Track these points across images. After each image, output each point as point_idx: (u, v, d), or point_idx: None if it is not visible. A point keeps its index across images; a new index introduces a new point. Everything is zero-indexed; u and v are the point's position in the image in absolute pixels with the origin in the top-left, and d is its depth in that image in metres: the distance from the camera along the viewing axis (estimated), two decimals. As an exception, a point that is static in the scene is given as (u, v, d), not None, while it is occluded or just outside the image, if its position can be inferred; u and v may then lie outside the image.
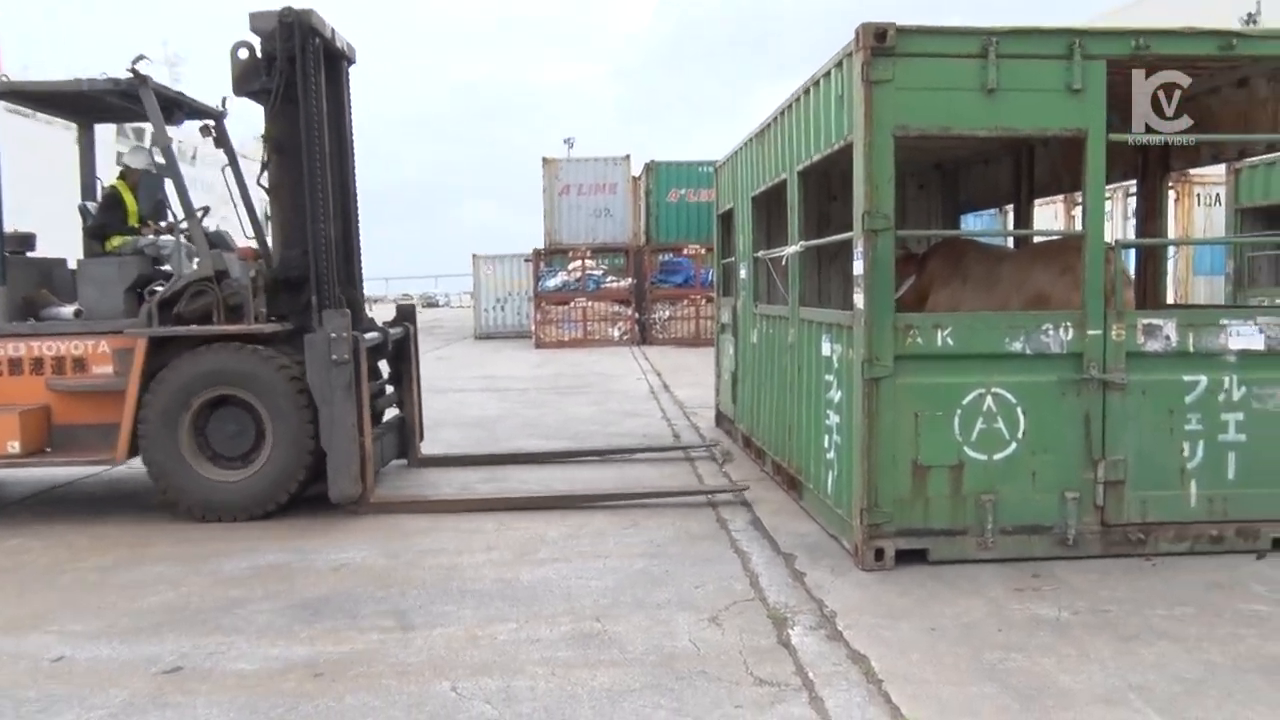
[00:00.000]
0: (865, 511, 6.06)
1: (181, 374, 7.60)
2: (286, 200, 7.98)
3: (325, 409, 7.49)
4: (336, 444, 7.50)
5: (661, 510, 7.72)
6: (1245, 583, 5.68)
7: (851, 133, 6.14)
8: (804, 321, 7.64)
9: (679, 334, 28.02)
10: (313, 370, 7.50)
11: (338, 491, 7.55)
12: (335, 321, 7.52)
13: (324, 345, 7.49)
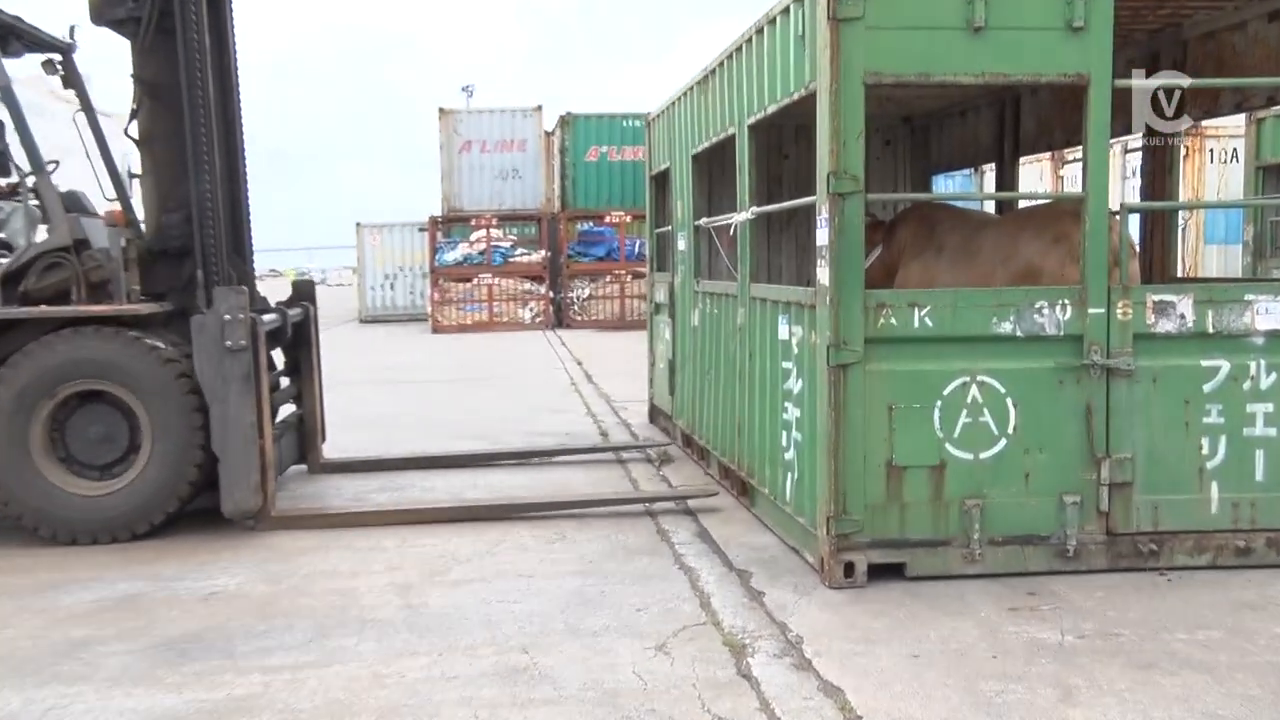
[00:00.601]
0: (831, 520, 6.10)
1: (31, 365, 7.36)
2: (162, 154, 7.81)
3: (217, 406, 7.36)
4: (231, 447, 7.38)
5: (592, 521, 7.74)
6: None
7: (814, 80, 6.16)
8: (756, 300, 7.66)
9: (601, 316, 28.03)
10: (202, 359, 7.36)
11: (233, 504, 7.43)
12: (229, 300, 7.37)
13: (215, 329, 7.35)
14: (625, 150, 28.11)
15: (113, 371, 7.37)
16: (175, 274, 7.86)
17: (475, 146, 28.91)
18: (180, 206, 7.76)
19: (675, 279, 10.56)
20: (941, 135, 11.26)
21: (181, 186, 7.73)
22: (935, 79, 6.04)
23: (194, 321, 7.39)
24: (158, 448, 7.43)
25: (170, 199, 7.79)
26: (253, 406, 7.39)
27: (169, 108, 7.64)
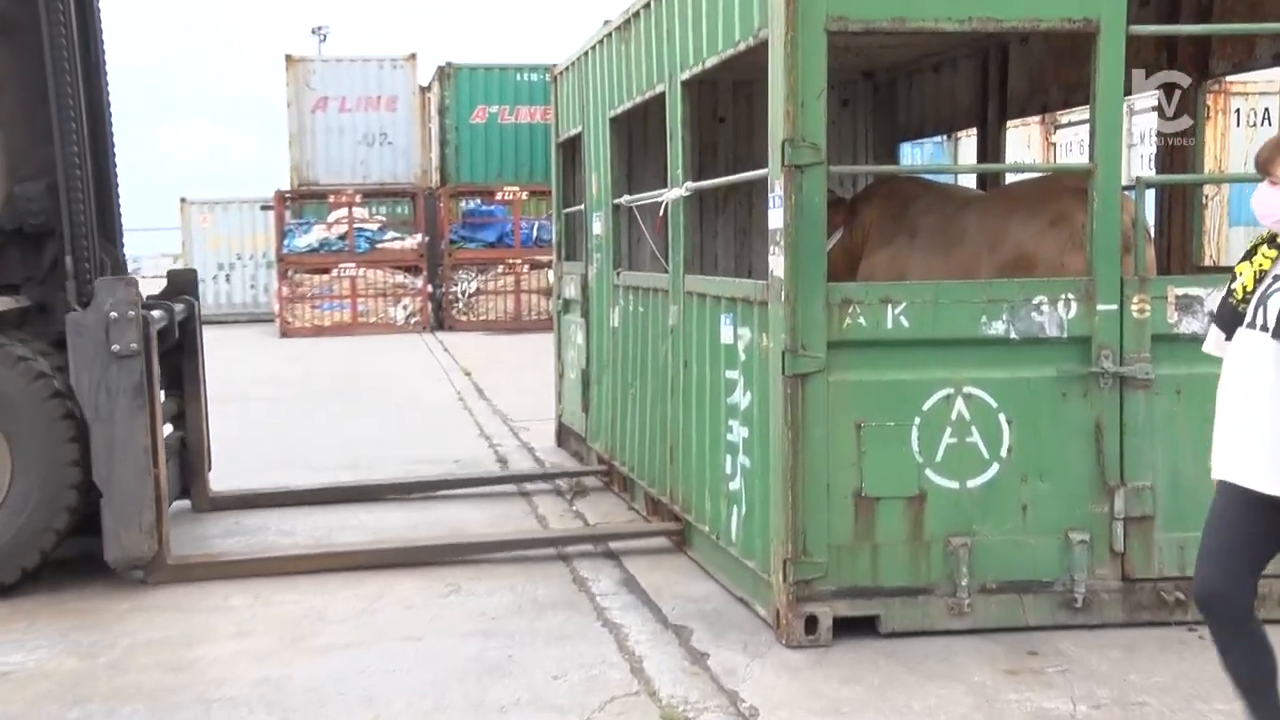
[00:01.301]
0: (788, 564, 6.13)
1: None
2: (13, 107, 7.66)
3: (101, 426, 7.24)
4: (119, 479, 7.26)
5: (491, 568, 7.71)
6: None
7: (766, 26, 6.20)
8: (693, 295, 7.68)
9: (492, 315, 28.01)
10: (80, 368, 7.22)
11: (120, 550, 7.30)
12: (117, 293, 7.23)
13: (98, 330, 7.21)
14: (522, 110, 28.10)
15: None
16: (33, 260, 7.73)
17: (332, 104, 28.71)
18: (40, 174, 7.63)
19: (589, 270, 10.55)
20: (911, 94, 11.41)
21: (40, 149, 7.61)
22: (912, 25, 6.11)
23: (70, 321, 7.25)
24: (19, 480, 7.29)
25: (25, 165, 7.66)
26: (146, 427, 7.29)
27: (24, 48, 7.56)
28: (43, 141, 7.59)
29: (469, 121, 28.28)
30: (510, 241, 28.06)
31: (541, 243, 27.19)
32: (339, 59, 29.43)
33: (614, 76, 9.44)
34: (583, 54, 10.51)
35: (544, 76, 25.05)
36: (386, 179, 28.96)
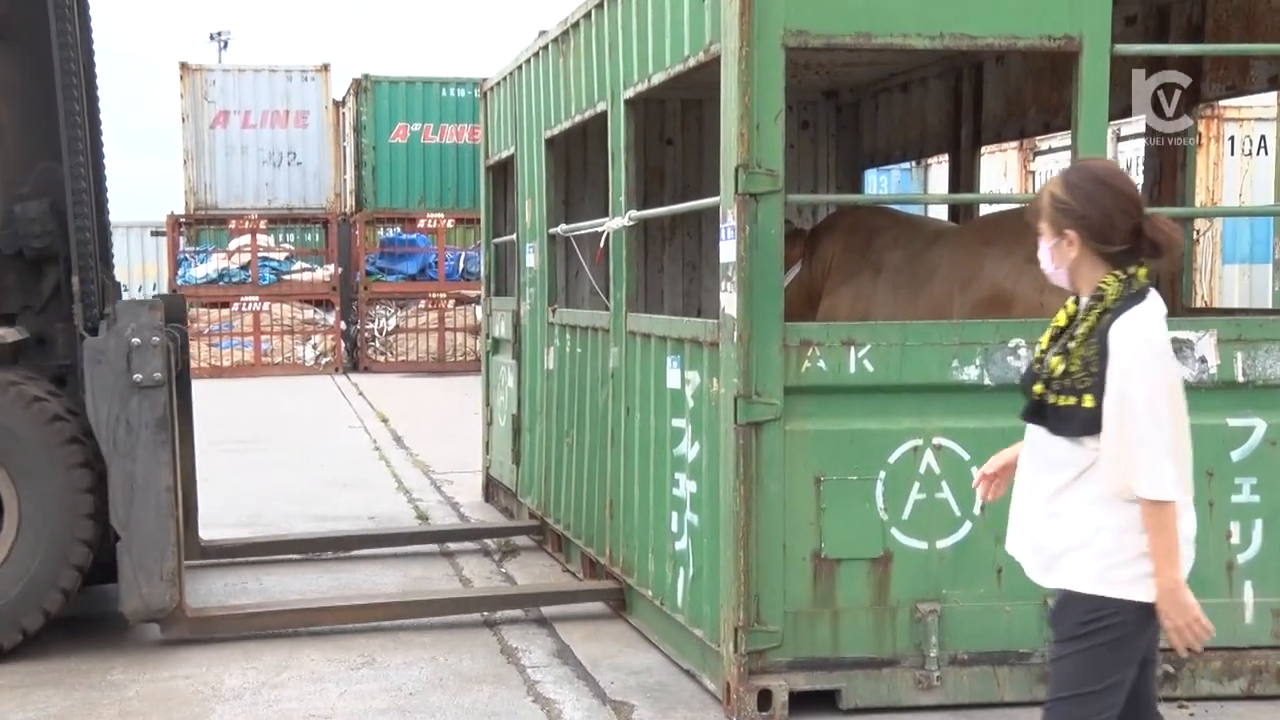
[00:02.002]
0: (740, 633, 6.18)
1: None
2: (11, 118, 7.71)
3: (120, 464, 7.26)
4: (139, 521, 7.27)
5: (410, 636, 7.72)
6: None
7: (718, 40, 6.29)
8: (636, 335, 7.75)
9: (412, 355, 27.99)
10: (98, 399, 7.25)
11: (139, 601, 7.30)
12: (140, 317, 7.28)
13: (119, 357, 7.25)
14: (447, 129, 28.15)
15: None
16: (31, 287, 7.75)
17: (234, 119, 28.65)
18: (39, 192, 7.65)
19: (521, 306, 10.60)
20: (877, 116, 11.56)
21: (38, 164, 7.66)
22: (878, 41, 6.22)
23: (88, 347, 7.28)
24: (27, 526, 7.31)
25: (21, 182, 7.69)
26: (169, 464, 7.32)
27: (22, 53, 7.63)
28: (41, 156, 7.68)
29: (388, 140, 28.27)
30: (433, 274, 28.05)
31: (469, 275, 27.22)
32: (241, 69, 29.34)
33: (550, 93, 9.52)
34: (516, 68, 10.59)
35: (472, 92, 25.16)
36: (295, 203, 28.90)
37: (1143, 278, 4.00)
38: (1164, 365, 3.94)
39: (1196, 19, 8.31)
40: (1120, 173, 4.14)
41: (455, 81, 28.03)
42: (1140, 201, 4.03)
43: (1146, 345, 3.91)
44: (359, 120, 28.40)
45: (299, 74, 29.08)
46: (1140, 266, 4.00)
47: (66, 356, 7.73)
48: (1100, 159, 4.26)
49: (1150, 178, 9.04)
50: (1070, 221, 4.01)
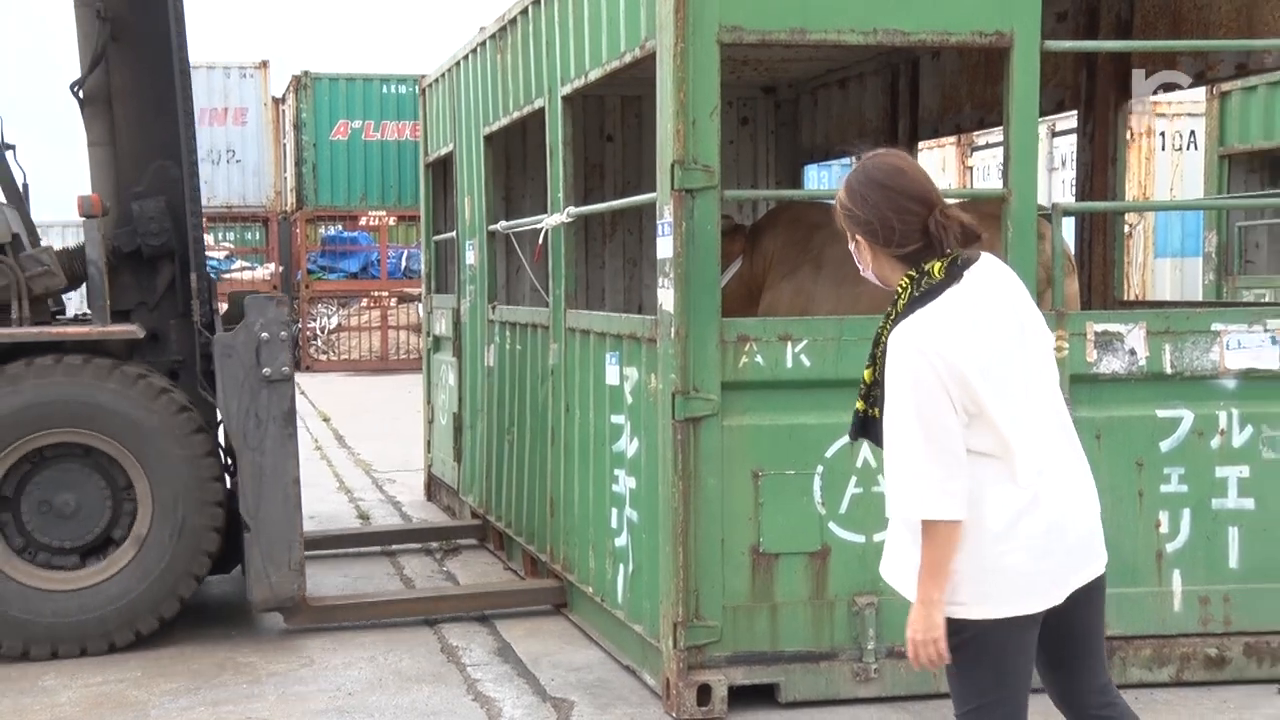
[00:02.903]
0: (679, 629, 6.24)
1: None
2: (127, 118, 7.90)
3: (249, 456, 7.48)
4: (268, 512, 7.49)
5: (350, 636, 7.74)
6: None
7: (653, 36, 6.35)
8: (575, 332, 7.81)
9: (354, 354, 27.92)
10: (229, 393, 7.48)
11: (267, 590, 7.50)
12: (268, 313, 7.51)
13: (248, 352, 7.45)
14: (388, 126, 28.08)
15: (96, 417, 7.42)
16: (146, 284, 7.91)
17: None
18: (153, 190, 7.82)
19: (462, 304, 10.64)
20: (815, 112, 11.64)
21: (152, 164, 7.83)
22: (812, 37, 6.29)
23: (218, 343, 7.50)
24: (160, 518, 7.50)
25: (136, 180, 7.85)
26: (296, 456, 7.57)
27: (140, 54, 7.86)
28: (153, 155, 7.89)
29: (329, 138, 28.16)
30: (375, 272, 28.01)
31: (411, 273, 27.18)
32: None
33: (489, 90, 9.56)
34: (454, 64, 10.63)
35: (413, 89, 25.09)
36: (234, 201, 28.80)
37: (937, 274, 3.82)
38: (932, 374, 3.72)
39: (1125, 16, 8.42)
40: (901, 170, 3.90)
41: (396, 78, 27.95)
42: (925, 195, 3.86)
43: (914, 354, 3.74)
44: (299, 117, 28.29)
45: (237, 71, 28.97)
46: (935, 260, 3.84)
47: (179, 351, 7.96)
48: (890, 154, 4.00)
49: (1082, 173, 9.17)
50: (855, 227, 3.94)
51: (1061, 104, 9.13)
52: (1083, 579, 3.91)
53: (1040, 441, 3.85)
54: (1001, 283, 3.93)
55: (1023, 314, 3.93)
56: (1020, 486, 3.81)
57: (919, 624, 3.84)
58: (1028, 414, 3.84)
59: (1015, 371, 3.83)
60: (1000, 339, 3.82)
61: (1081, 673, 4.07)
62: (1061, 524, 3.85)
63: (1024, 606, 3.83)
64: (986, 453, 3.79)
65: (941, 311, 3.79)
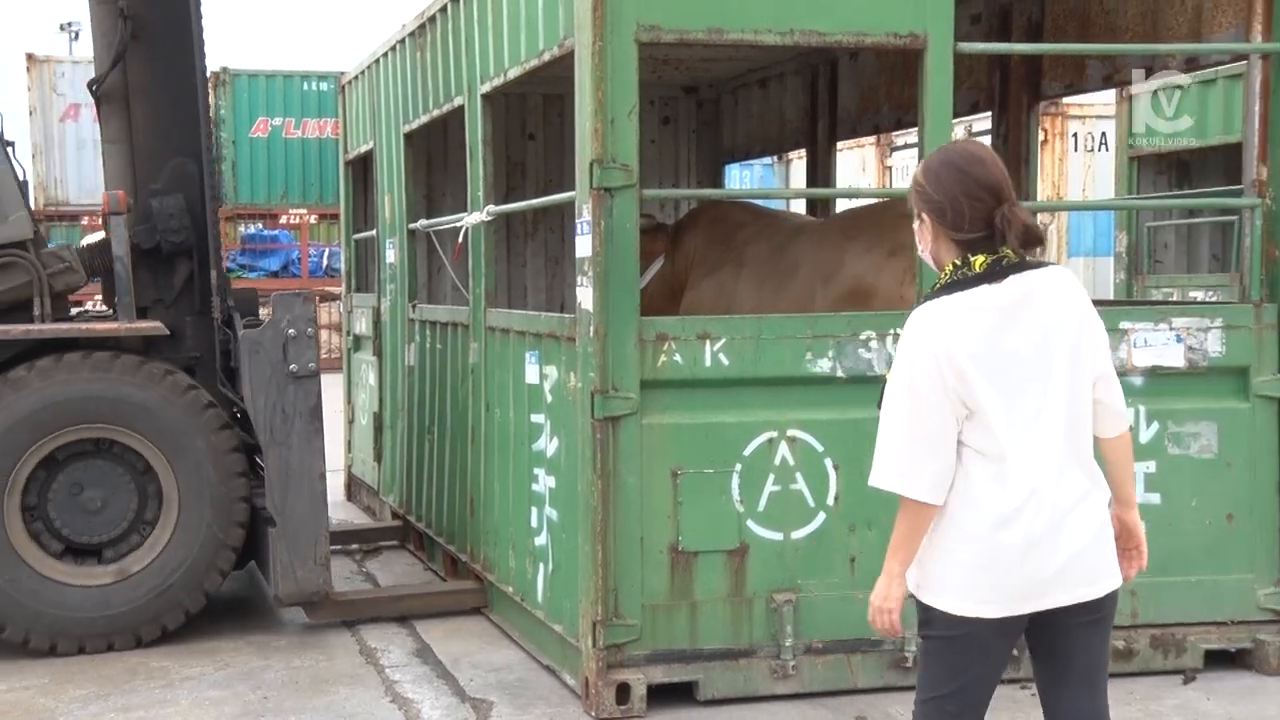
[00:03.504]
0: (599, 628, 6.27)
1: (21, 405, 7.44)
2: (145, 116, 8.00)
3: (276, 451, 7.59)
4: (294, 507, 7.58)
5: (268, 639, 7.72)
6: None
7: (572, 35, 6.38)
8: (495, 331, 7.83)
9: (273, 354, 27.66)
10: (256, 389, 7.59)
11: (293, 584, 7.57)
12: (294, 309, 7.66)
13: (275, 348, 7.58)
14: (309, 124, 27.87)
15: (125, 413, 7.53)
16: (164, 281, 7.97)
17: (85, 113, 28.08)
18: (172, 188, 7.91)
19: (382, 303, 10.63)
20: (736, 111, 11.71)
21: (169, 161, 7.99)
22: (730, 37, 6.34)
23: (245, 339, 7.62)
24: (187, 512, 7.60)
25: (154, 178, 7.94)
26: (321, 452, 7.68)
27: (158, 52, 7.98)
28: (169, 152, 8.01)
29: (248, 135, 27.89)
30: (297, 271, 27.79)
31: (333, 272, 27.00)
32: (76, 60, 28.86)
33: (408, 87, 9.55)
34: (374, 62, 10.61)
35: (334, 85, 24.96)
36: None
37: (977, 267, 3.86)
38: (932, 359, 3.79)
39: (1036, 18, 8.52)
40: (980, 158, 3.95)
41: (317, 75, 27.75)
42: (998, 188, 3.87)
43: (921, 336, 3.83)
44: (218, 114, 28.04)
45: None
46: (983, 254, 3.87)
47: (195, 348, 8.03)
48: (971, 143, 4.12)
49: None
50: (924, 206, 3.97)
51: (976, 105, 9.22)
52: (1062, 600, 3.86)
53: (1042, 460, 3.83)
54: (1052, 298, 3.89)
55: (1071, 336, 3.89)
56: (1009, 493, 3.82)
57: (878, 591, 3.94)
58: (1036, 430, 3.84)
59: (1033, 386, 3.83)
60: (1021, 349, 3.83)
61: (1061, 698, 4.04)
62: (1043, 543, 3.82)
63: (979, 609, 3.84)
64: (982, 451, 3.84)
65: (962, 304, 3.84)
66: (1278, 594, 6.86)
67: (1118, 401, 4.06)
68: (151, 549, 7.63)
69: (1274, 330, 6.84)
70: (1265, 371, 6.83)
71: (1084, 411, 3.93)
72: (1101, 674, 4.03)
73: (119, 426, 7.56)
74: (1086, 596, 3.88)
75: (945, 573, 3.87)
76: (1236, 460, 6.83)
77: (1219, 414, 6.82)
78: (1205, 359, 6.80)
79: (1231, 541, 6.84)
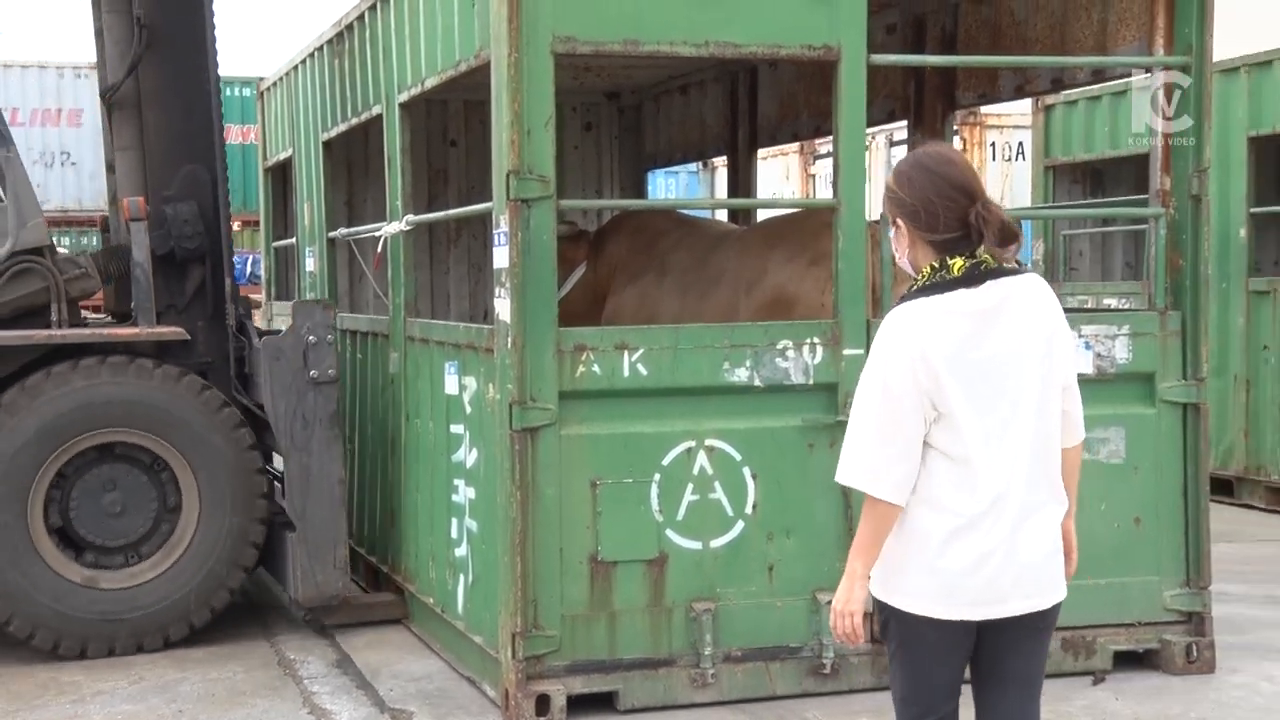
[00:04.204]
0: (518, 639, 6.28)
1: (42, 410, 7.50)
2: (157, 123, 8.06)
3: (296, 456, 7.69)
4: (314, 511, 7.69)
5: (185, 651, 7.64)
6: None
7: (487, 47, 6.40)
8: (414, 340, 7.84)
9: (196, 361, 27.45)
10: (277, 395, 7.68)
11: (313, 588, 7.68)
12: (314, 316, 7.75)
13: (296, 355, 7.66)
14: (232, 129, 27.45)
15: (146, 417, 7.62)
16: (176, 287, 8.03)
17: (3, 117, 27.90)
18: (185, 194, 7.97)
19: (301, 312, 10.58)
20: (659, 118, 11.75)
21: (182, 168, 8.10)
22: (646, 49, 6.37)
23: (266, 345, 7.73)
24: (207, 516, 7.70)
25: (167, 185, 7.99)
26: (341, 457, 7.81)
27: (171, 59, 8.06)
28: (182, 159, 8.11)
29: (168, 141, 27.74)
30: (217, 278, 27.62)
31: (255, 279, 26.71)
32: (8, 64, 28.50)
33: (327, 95, 9.52)
34: (292, 68, 10.58)
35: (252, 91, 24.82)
36: (69, 205, 28.17)
37: (955, 270, 3.86)
38: (907, 360, 3.81)
39: (950, 30, 8.59)
40: (950, 159, 3.98)
41: (239, 80, 27.48)
42: (969, 187, 3.88)
43: (896, 336, 3.85)
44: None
45: (71, 71, 28.37)
46: (960, 257, 3.86)
47: (207, 353, 8.11)
48: (941, 145, 4.13)
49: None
50: (898, 210, 3.96)
51: (893, 114, 9.31)
52: (1017, 610, 3.89)
53: (1009, 468, 3.86)
54: (1027, 306, 3.92)
55: (1043, 345, 3.92)
56: (973, 498, 3.84)
57: (839, 594, 3.94)
58: (1005, 438, 3.86)
59: (1004, 393, 3.85)
60: (996, 355, 3.85)
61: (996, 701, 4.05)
62: (1001, 551, 3.85)
63: (935, 610, 3.87)
64: (948, 454, 3.86)
65: (939, 306, 3.84)
66: (1183, 595, 6.99)
67: (1079, 413, 4.12)
68: (175, 549, 7.71)
69: (1178, 337, 6.98)
70: (1170, 377, 6.97)
71: (1053, 423, 3.96)
72: (1038, 680, 4.09)
73: (138, 429, 7.65)
74: (1038, 606, 3.93)
75: (907, 572, 3.90)
76: (1143, 465, 6.95)
77: (1127, 419, 6.93)
78: (1113, 366, 6.91)
79: (1139, 544, 6.97)
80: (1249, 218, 11.71)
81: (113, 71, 8.25)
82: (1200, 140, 6.92)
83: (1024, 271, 3.99)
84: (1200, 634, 6.99)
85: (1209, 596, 7.04)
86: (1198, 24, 6.86)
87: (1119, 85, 12.20)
